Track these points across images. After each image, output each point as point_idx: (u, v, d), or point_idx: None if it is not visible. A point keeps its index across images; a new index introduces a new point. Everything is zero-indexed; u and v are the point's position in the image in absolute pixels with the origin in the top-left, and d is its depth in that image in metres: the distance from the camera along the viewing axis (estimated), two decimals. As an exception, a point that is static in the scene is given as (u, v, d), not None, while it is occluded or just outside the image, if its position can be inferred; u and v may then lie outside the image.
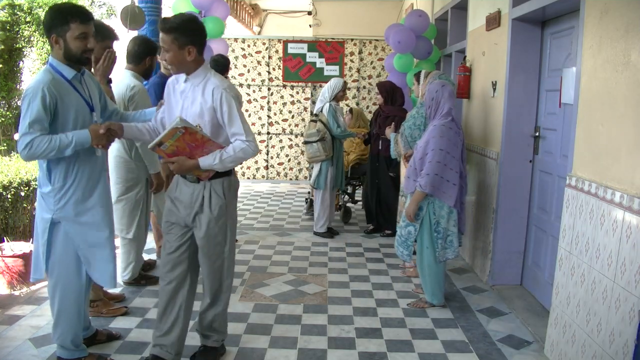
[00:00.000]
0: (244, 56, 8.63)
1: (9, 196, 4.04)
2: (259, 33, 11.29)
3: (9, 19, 7.36)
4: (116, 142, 3.33)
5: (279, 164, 8.71)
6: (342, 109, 5.33)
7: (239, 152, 2.43)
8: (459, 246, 3.62)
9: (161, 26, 2.38)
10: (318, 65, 8.59)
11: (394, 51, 5.77)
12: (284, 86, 8.54)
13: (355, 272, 4.27)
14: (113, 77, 3.26)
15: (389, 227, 5.26)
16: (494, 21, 4.03)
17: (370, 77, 8.64)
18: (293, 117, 8.66)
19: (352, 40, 8.59)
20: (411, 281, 4.07)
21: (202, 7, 5.47)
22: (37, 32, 7.42)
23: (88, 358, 2.64)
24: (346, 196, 6.13)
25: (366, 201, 5.53)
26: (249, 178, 8.81)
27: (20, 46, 7.46)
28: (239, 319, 3.31)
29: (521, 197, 3.85)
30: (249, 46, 8.62)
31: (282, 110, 8.59)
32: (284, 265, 4.39)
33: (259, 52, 8.62)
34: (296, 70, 8.59)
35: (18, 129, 2.34)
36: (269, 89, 8.61)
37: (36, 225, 2.53)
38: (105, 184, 2.64)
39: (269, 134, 8.53)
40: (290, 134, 8.40)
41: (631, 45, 2.25)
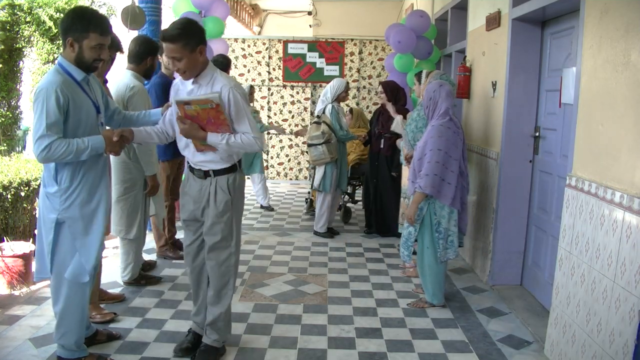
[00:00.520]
0: (244, 56, 8.63)
1: (9, 196, 4.04)
2: (259, 33, 11.29)
3: (9, 19, 7.35)
4: None
5: (279, 164, 8.71)
6: (343, 109, 5.31)
7: (245, 141, 2.52)
8: (461, 246, 3.62)
9: (167, 37, 2.41)
10: (318, 66, 8.59)
11: (395, 51, 5.78)
12: (284, 86, 8.54)
13: (355, 272, 4.27)
14: (112, 77, 3.27)
15: (385, 228, 5.23)
16: (494, 21, 4.03)
17: (370, 77, 8.64)
18: (293, 117, 8.66)
19: (352, 40, 8.59)
20: (411, 281, 4.07)
21: (202, 7, 5.47)
22: (37, 32, 7.42)
23: (88, 358, 2.64)
24: (346, 196, 6.13)
25: (366, 201, 5.51)
26: (248, 178, 8.81)
27: (20, 46, 7.46)
28: (239, 319, 3.30)
29: (521, 197, 3.85)
30: (249, 46, 8.62)
31: (282, 111, 8.60)
32: (284, 265, 4.39)
33: (259, 52, 8.63)
34: (296, 71, 8.59)
35: (33, 129, 2.32)
36: (269, 89, 8.61)
37: (39, 225, 2.54)
38: (107, 185, 2.67)
39: (269, 134, 8.53)
40: (290, 134, 8.40)
41: (631, 45, 2.25)
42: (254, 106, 6.58)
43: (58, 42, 7.30)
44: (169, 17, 5.30)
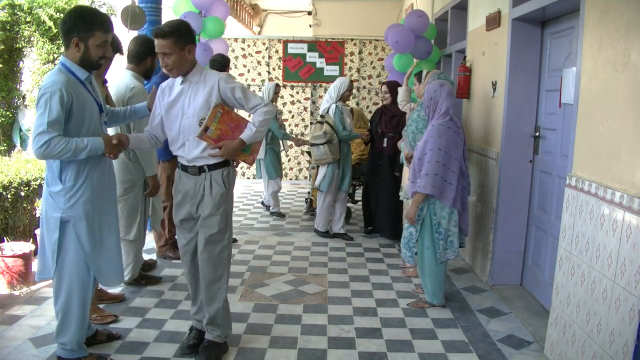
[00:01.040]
0: (244, 56, 8.63)
1: (9, 196, 4.04)
2: (259, 33, 11.29)
3: (9, 19, 7.35)
4: None
5: (279, 164, 8.71)
6: (348, 109, 5.24)
7: (266, 115, 2.64)
8: (462, 247, 3.62)
9: (159, 33, 2.51)
10: (318, 65, 8.59)
11: (393, 51, 5.77)
12: (284, 86, 8.53)
13: (355, 272, 4.27)
14: (112, 77, 3.27)
15: (385, 229, 5.20)
16: (494, 21, 4.03)
17: (370, 77, 8.65)
18: (293, 117, 8.67)
19: (352, 40, 8.60)
20: (411, 281, 4.07)
21: (202, 7, 5.48)
22: (37, 32, 7.42)
23: (88, 358, 2.64)
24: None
25: (365, 201, 5.48)
26: (249, 178, 8.81)
27: (20, 46, 7.45)
28: (239, 319, 3.31)
29: (521, 197, 3.85)
30: (249, 46, 8.63)
31: (282, 111, 8.59)
32: (284, 265, 4.39)
33: (259, 52, 8.63)
34: (296, 70, 8.59)
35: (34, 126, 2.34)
36: (269, 89, 8.60)
37: (42, 225, 2.54)
38: (113, 186, 2.71)
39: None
40: (290, 134, 8.39)
41: (631, 45, 2.25)
42: (276, 105, 6.44)
43: (58, 42, 7.29)
44: (169, 17, 5.29)
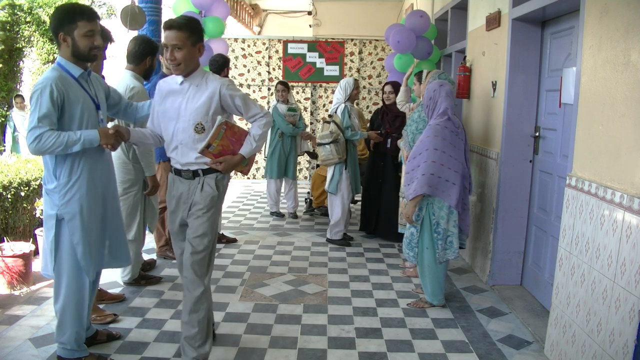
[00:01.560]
0: (244, 56, 8.63)
1: (9, 196, 4.04)
2: (259, 33, 11.29)
3: (9, 19, 7.36)
4: None
5: (279, 164, 8.69)
6: (356, 110, 5.10)
7: (264, 127, 2.63)
8: (463, 248, 3.61)
9: (173, 24, 2.43)
10: (318, 65, 8.59)
11: (394, 51, 5.78)
12: (284, 86, 8.53)
13: (355, 272, 4.27)
14: (112, 77, 3.27)
15: (387, 230, 5.13)
16: (494, 21, 4.03)
17: (370, 77, 8.65)
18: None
19: (352, 40, 8.60)
20: (411, 281, 4.07)
21: (202, 7, 5.48)
22: (37, 32, 7.43)
23: (88, 358, 2.64)
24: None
25: (365, 203, 5.43)
26: (249, 178, 8.81)
27: (20, 46, 7.47)
28: (239, 319, 3.31)
29: (521, 197, 3.85)
30: (249, 46, 8.63)
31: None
32: (284, 265, 4.39)
33: (259, 52, 8.63)
34: (296, 70, 8.59)
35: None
36: (269, 89, 8.61)
37: (43, 223, 2.57)
38: (113, 180, 2.72)
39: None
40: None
41: (631, 45, 2.25)
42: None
43: (58, 42, 7.31)
44: (169, 17, 5.30)
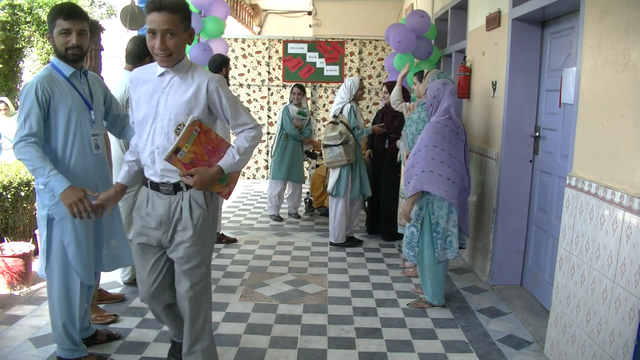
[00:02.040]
0: (244, 56, 8.63)
1: (9, 196, 4.04)
2: (259, 33, 11.29)
3: (9, 19, 7.36)
4: (114, 143, 3.33)
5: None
6: (361, 110, 5.03)
7: (251, 142, 2.20)
8: (463, 248, 3.61)
9: (165, 4, 2.02)
10: (318, 65, 8.59)
11: (395, 51, 5.78)
12: (284, 86, 8.54)
13: (355, 272, 4.27)
14: (112, 78, 3.26)
15: (387, 230, 5.14)
16: (494, 21, 4.03)
17: (370, 77, 8.64)
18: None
19: (352, 40, 8.60)
20: (411, 281, 4.07)
21: (202, 7, 5.48)
22: (37, 32, 7.43)
23: (88, 358, 2.64)
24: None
25: (363, 202, 5.44)
26: (249, 178, 8.81)
27: (20, 46, 7.46)
28: (239, 319, 3.31)
29: (521, 197, 3.85)
30: (249, 46, 8.63)
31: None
32: (284, 265, 4.39)
33: (259, 52, 8.63)
34: (296, 70, 8.59)
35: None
36: (269, 89, 8.61)
37: (37, 223, 2.57)
38: (108, 181, 2.70)
39: (269, 134, 8.53)
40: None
41: (631, 45, 2.25)
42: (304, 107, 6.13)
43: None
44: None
